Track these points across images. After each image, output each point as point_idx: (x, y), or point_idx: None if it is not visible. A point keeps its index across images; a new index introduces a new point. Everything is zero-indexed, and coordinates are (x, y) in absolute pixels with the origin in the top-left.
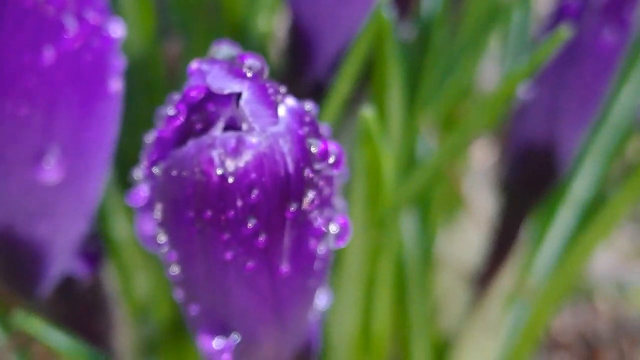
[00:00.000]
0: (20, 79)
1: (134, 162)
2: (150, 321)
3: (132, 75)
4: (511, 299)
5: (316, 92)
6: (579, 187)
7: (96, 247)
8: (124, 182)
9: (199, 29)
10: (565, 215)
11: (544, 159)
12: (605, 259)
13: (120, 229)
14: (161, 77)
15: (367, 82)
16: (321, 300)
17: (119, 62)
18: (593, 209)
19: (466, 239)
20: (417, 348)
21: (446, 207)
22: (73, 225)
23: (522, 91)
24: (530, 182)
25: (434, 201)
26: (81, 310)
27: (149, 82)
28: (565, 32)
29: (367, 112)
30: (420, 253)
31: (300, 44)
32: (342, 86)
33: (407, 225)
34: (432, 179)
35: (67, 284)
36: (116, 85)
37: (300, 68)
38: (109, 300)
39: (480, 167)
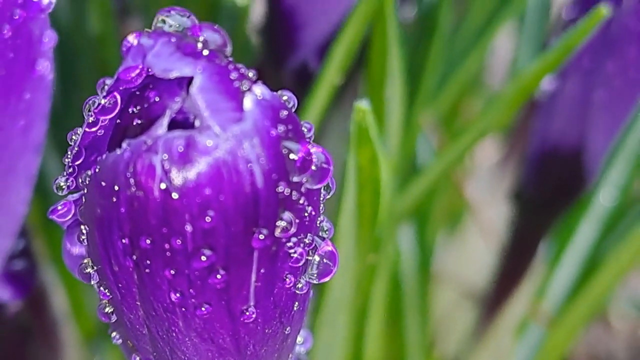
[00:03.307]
0: None
1: None
2: (104, 348)
3: (85, 55)
4: (523, 326)
5: (300, 81)
6: (605, 198)
7: (26, 266)
8: None
9: (163, 5)
10: (587, 231)
11: (571, 163)
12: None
13: None
14: (117, 58)
15: (361, 71)
16: (300, 345)
17: (49, 38)
18: (618, 224)
19: (471, 254)
20: None
21: (448, 216)
22: None
23: (548, 83)
24: (552, 190)
25: (435, 209)
26: (10, 340)
27: (103, 63)
28: (603, 11)
29: (363, 105)
30: (419, 269)
31: (282, 22)
32: (330, 74)
33: (404, 238)
34: (434, 186)
35: None
36: (45, 67)
37: (282, 50)
38: (53, 324)
39: (488, 168)
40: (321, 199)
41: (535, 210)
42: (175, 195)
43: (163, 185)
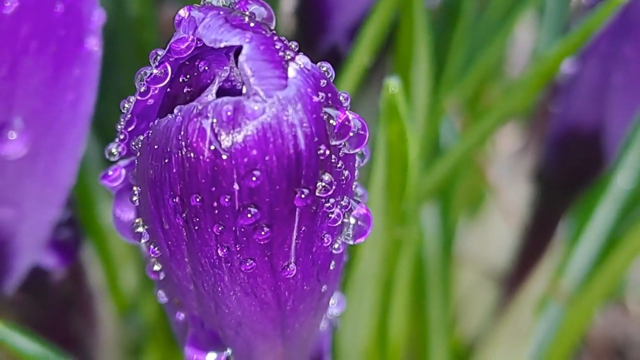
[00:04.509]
0: None
1: None
2: (138, 319)
3: (124, 38)
4: (543, 303)
5: (331, 63)
6: (623, 180)
7: (71, 236)
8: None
9: None
10: (606, 211)
11: (590, 145)
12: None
13: (104, 214)
14: (155, 41)
15: (389, 52)
16: (334, 307)
17: (97, 16)
18: (636, 205)
19: (493, 234)
20: (436, 355)
21: (471, 198)
22: (42, 211)
23: (567, 67)
24: (571, 171)
25: (458, 191)
26: (54, 308)
27: (141, 46)
28: None
29: (393, 82)
30: (442, 249)
31: (315, 6)
32: (360, 55)
33: (427, 219)
34: (457, 167)
35: (37, 279)
36: (93, 44)
37: (314, 32)
38: (90, 296)
39: (509, 152)
40: (356, 165)
41: (555, 190)
42: (224, 156)
43: (212, 147)
